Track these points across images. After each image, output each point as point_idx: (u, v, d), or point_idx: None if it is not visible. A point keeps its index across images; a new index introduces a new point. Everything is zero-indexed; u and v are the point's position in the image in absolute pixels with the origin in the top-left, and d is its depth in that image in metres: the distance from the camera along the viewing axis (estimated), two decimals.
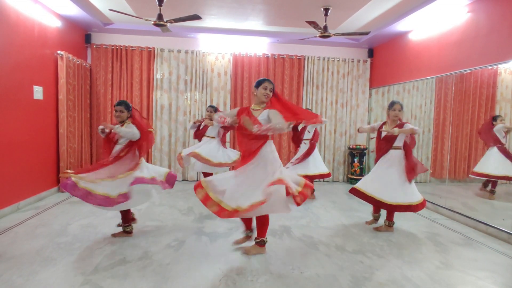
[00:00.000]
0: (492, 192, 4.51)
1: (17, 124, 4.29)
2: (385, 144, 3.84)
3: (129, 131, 3.28)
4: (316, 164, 5.18)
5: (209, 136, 4.95)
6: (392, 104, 3.79)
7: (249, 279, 2.65)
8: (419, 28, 5.47)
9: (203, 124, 5.04)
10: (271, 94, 3.04)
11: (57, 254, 3.00)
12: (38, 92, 4.71)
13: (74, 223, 3.86)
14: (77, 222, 3.88)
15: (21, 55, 4.34)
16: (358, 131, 4.23)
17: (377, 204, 3.78)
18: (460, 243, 3.59)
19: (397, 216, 4.37)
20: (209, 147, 4.80)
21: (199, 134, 5.05)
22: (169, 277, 2.65)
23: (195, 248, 3.23)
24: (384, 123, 3.95)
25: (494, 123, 4.42)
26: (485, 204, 4.43)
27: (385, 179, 3.73)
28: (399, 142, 3.78)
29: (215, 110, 4.97)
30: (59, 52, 5.13)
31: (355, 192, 3.84)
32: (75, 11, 5.13)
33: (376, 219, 4.09)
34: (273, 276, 2.71)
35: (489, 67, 4.17)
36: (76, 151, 5.62)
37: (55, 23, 5.16)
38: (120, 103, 3.42)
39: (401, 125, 3.74)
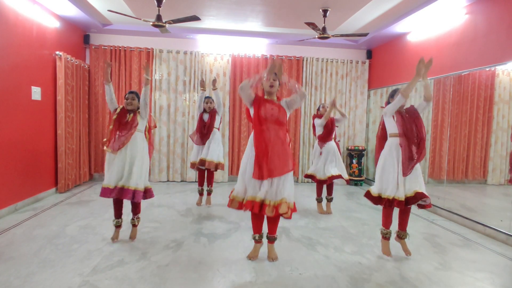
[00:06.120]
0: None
1: (15, 124, 4.28)
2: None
3: None
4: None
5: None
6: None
7: (248, 280, 2.65)
8: (418, 30, 5.48)
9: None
10: (276, 82, 2.88)
11: (55, 256, 2.99)
12: (36, 93, 4.70)
13: (72, 224, 3.85)
14: (75, 223, 3.87)
15: (19, 55, 4.33)
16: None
17: None
18: (459, 244, 3.59)
19: (396, 217, 4.36)
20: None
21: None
22: (167, 278, 2.65)
23: (193, 250, 3.23)
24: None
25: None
26: (484, 205, 4.44)
27: None
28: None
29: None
30: (57, 52, 5.12)
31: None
32: (73, 12, 5.13)
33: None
34: (271, 277, 2.71)
35: (487, 69, 4.19)
36: (75, 151, 5.60)
37: (54, 24, 5.16)
38: (131, 91, 3.52)
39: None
